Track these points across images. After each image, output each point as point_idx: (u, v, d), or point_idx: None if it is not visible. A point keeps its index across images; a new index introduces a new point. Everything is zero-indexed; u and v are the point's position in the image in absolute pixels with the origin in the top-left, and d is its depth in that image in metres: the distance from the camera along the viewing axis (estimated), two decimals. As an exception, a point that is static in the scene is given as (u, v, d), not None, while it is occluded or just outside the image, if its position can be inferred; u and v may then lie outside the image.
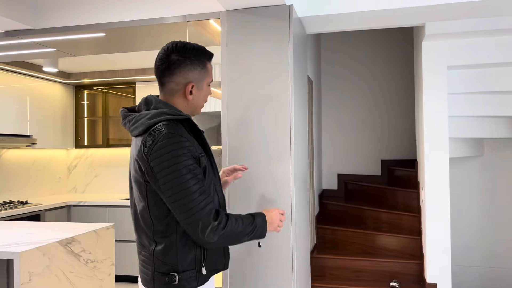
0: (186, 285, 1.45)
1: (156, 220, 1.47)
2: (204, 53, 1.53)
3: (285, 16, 1.99)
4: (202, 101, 1.58)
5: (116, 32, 2.30)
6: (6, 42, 2.47)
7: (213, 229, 1.38)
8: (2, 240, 2.65)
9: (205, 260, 1.49)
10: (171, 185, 1.37)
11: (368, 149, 5.03)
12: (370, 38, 5.02)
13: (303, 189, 2.26)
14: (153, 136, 1.41)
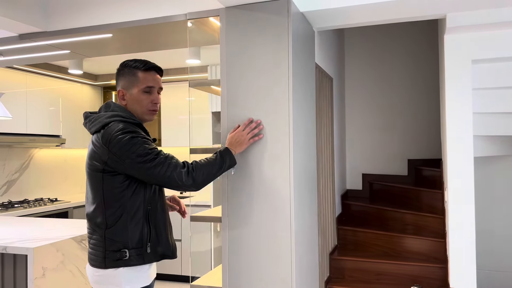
0: (134, 261, 1.66)
1: (109, 204, 1.69)
2: (136, 65, 1.78)
3: (283, 11, 1.93)
4: (138, 106, 1.78)
5: (122, 33, 2.33)
6: (21, 45, 2.56)
7: (186, 174, 1.65)
8: (19, 236, 2.75)
9: (150, 241, 1.70)
10: (137, 160, 1.62)
11: (394, 148, 4.85)
12: (395, 32, 4.84)
13: (307, 189, 2.19)
14: (110, 130, 1.67)
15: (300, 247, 2.01)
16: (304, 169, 2.13)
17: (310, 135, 2.28)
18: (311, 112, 2.31)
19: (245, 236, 1.96)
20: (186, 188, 1.68)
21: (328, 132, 3.86)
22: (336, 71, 4.38)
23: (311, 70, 2.33)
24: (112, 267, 1.66)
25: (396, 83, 4.85)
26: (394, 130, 4.85)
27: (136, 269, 1.68)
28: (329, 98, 3.93)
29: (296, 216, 1.96)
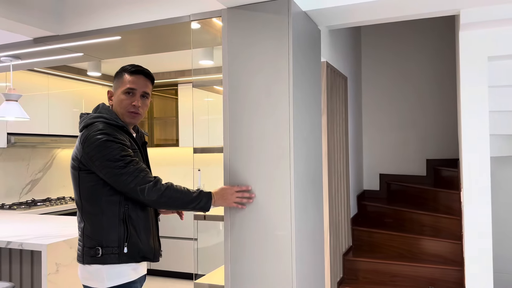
0: (108, 259, 1.67)
1: (86, 202, 1.72)
2: (126, 68, 1.83)
3: (283, 11, 1.93)
4: (119, 107, 1.81)
5: (130, 35, 2.38)
6: (36, 49, 2.65)
7: (150, 188, 1.65)
8: (36, 233, 2.84)
9: (128, 241, 1.69)
10: (106, 164, 1.64)
11: (412, 148, 4.76)
12: (413, 30, 4.75)
13: (311, 189, 2.18)
14: (90, 129, 1.71)
15: (302, 247, 1.99)
16: (308, 169, 2.11)
17: (314, 135, 2.27)
18: (316, 111, 2.29)
19: (246, 235, 1.97)
20: (146, 203, 1.68)
21: (342, 132, 3.83)
22: (352, 70, 4.33)
23: (316, 69, 2.31)
24: (89, 263, 1.69)
25: (415, 81, 4.75)
26: (412, 130, 4.76)
27: (116, 266, 1.69)
28: (343, 97, 3.89)
29: (297, 216, 1.95)
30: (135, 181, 1.64)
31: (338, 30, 3.73)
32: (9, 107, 2.89)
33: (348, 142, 4.01)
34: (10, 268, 2.90)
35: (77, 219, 1.78)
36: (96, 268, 1.69)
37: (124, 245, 1.68)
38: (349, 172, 4.02)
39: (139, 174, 1.65)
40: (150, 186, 1.65)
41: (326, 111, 3.28)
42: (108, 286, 1.69)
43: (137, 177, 1.64)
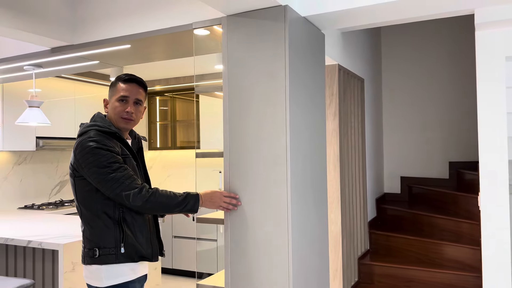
0: (105, 259, 1.75)
1: (83, 206, 1.79)
2: (120, 77, 1.90)
3: (280, 17, 1.95)
4: (113, 114, 1.88)
5: (138, 43, 2.46)
6: (54, 58, 2.79)
7: (135, 195, 1.70)
8: (55, 232, 2.98)
9: (124, 242, 1.76)
10: (93, 170, 1.71)
11: (434, 150, 4.64)
12: (435, 30, 4.63)
13: (312, 193, 2.18)
14: (82, 137, 1.78)
15: (300, 251, 2.01)
16: (308, 173, 2.12)
17: (317, 139, 2.27)
18: (318, 115, 2.29)
19: (245, 239, 2.00)
20: (133, 208, 1.73)
21: (358, 134, 3.79)
22: (369, 72, 4.27)
23: (319, 73, 2.31)
24: (89, 264, 1.78)
25: (436, 82, 4.63)
26: (435, 131, 4.64)
27: (113, 266, 1.75)
28: (359, 99, 3.85)
29: (294, 220, 1.96)
30: (121, 187, 1.69)
31: (353, 32, 3.70)
32: (32, 113, 3.05)
33: (365, 144, 3.96)
34: (33, 266, 3.06)
35: (80, 223, 1.86)
36: (95, 268, 1.76)
37: (120, 246, 1.75)
38: (365, 175, 3.97)
39: (125, 181, 1.70)
40: (135, 193, 1.70)
41: (339, 114, 3.26)
42: (107, 285, 1.76)
43: (123, 183, 1.70)
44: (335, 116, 3.25)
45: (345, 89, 3.47)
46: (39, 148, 4.30)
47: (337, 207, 3.24)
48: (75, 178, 1.78)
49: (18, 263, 3.11)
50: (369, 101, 4.28)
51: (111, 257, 1.75)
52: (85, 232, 1.80)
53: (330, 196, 3.26)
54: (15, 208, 4.40)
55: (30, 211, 4.21)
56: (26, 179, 4.56)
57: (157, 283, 3.42)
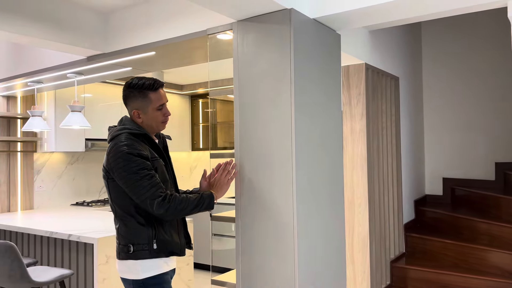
0: (139, 255, 1.86)
1: (117, 206, 1.90)
2: (146, 86, 1.94)
3: (285, 21, 1.98)
4: (154, 122, 1.97)
5: (161, 50, 2.59)
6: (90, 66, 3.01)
7: (159, 204, 1.79)
8: (91, 227, 3.21)
9: (156, 238, 1.88)
10: (123, 176, 1.81)
11: (479, 150, 4.39)
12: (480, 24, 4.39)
13: (324, 194, 2.18)
14: (115, 141, 1.88)
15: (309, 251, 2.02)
16: (318, 175, 2.13)
17: (330, 140, 2.27)
18: (331, 116, 2.29)
19: (254, 238, 2.05)
20: (155, 215, 1.82)
21: (391, 134, 3.69)
22: (405, 69, 4.14)
23: (332, 73, 2.31)
24: (124, 259, 1.89)
25: (481, 79, 4.38)
26: (479, 131, 4.39)
27: (148, 260, 1.87)
28: (393, 98, 3.75)
29: (301, 221, 1.98)
30: (146, 194, 1.79)
31: (385, 30, 3.61)
32: (74, 117, 3.31)
33: (399, 144, 3.85)
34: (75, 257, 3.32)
35: (114, 220, 1.98)
36: (131, 263, 1.88)
37: (153, 242, 1.87)
38: (401, 177, 3.86)
39: (151, 189, 1.79)
40: (158, 201, 1.79)
41: (366, 114, 3.21)
42: (144, 277, 1.88)
43: (148, 191, 1.79)
44: (362, 116, 3.20)
45: (375, 88, 3.40)
46: (88, 149, 4.61)
47: (365, 208, 3.19)
48: (108, 180, 1.88)
49: (58, 254, 3.38)
50: (406, 100, 4.15)
51: (145, 252, 1.86)
52: (119, 229, 1.90)
53: (358, 198, 3.22)
54: (68, 204, 4.76)
55: (80, 208, 4.54)
56: (78, 177, 4.91)
57: (189, 278, 3.56)
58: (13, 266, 2.57)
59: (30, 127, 3.60)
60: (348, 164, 3.27)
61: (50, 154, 4.62)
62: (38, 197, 4.50)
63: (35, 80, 3.50)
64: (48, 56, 3.17)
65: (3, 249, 2.57)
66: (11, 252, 2.58)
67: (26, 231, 3.32)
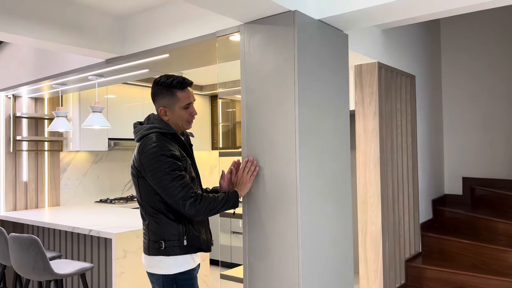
0: (170, 251, 1.91)
1: (147, 204, 1.94)
2: (174, 84, 1.97)
3: (289, 22, 2.02)
4: (180, 120, 2.00)
5: (174, 52, 2.68)
6: (109, 69, 3.14)
7: (190, 205, 1.83)
8: (108, 223, 3.34)
9: (186, 234, 1.93)
10: (156, 176, 1.84)
11: (500, 149, 4.30)
12: (501, 20, 4.29)
13: (329, 194, 2.22)
14: (146, 141, 1.91)
15: (312, 248, 2.06)
16: (324, 174, 2.16)
17: (337, 140, 2.29)
18: (338, 116, 2.31)
19: (259, 236, 2.10)
20: (186, 215, 1.88)
21: (406, 133, 3.67)
22: (422, 68, 4.10)
23: (339, 74, 2.33)
24: (154, 255, 1.93)
25: (501, 77, 4.29)
26: (500, 129, 4.30)
27: (178, 257, 1.91)
28: (409, 97, 3.73)
29: (306, 220, 2.02)
30: (179, 195, 1.82)
31: (398, 28, 3.59)
32: (95, 118, 3.45)
33: (416, 143, 3.82)
34: (97, 251, 3.46)
35: (141, 215, 2.02)
36: (162, 258, 1.92)
37: (183, 239, 1.92)
38: (417, 176, 3.83)
39: (182, 189, 1.83)
40: (190, 202, 1.83)
41: (379, 113, 3.21)
42: (174, 272, 1.92)
43: (180, 192, 1.82)
44: (375, 115, 3.20)
45: (389, 87, 3.39)
46: (111, 148, 4.78)
47: (378, 207, 3.19)
48: (139, 179, 1.93)
49: (81, 248, 3.53)
50: (423, 98, 4.11)
51: (176, 249, 1.90)
52: (150, 225, 1.94)
53: (371, 197, 3.22)
54: (92, 201, 4.95)
55: (104, 205, 4.71)
56: (102, 176, 5.09)
57: (205, 274, 3.65)
58: (37, 259, 2.72)
59: (54, 127, 3.77)
60: (361, 163, 3.28)
61: (75, 153, 4.81)
62: (64, 194, 4.69)
63: (59, 82, 3.66)
64: (71, 59, 3.31)
65: (28, 242, 2.73)
66: (35, 246, 2.73)
67: (51, 226, 3.49)
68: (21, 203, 4.36)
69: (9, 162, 4.29)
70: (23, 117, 4.35)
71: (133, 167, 1.95)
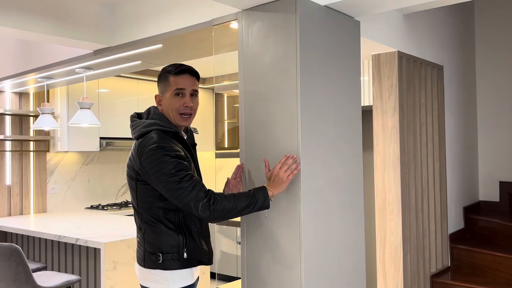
0: (168, 265, 1.91)
1: (144, 210, 1.95)
2: (169, 69, 1.99)
3: (291, 9, 2.07)
4: (170, 110, 1.98)
5: (167, 42, 2.76)
6: (98, 60, 3.23)
7: (204, 205, 1.80)
8: (98, 231, 3.44)
9: (187, 247, 1.93)
10: (162, 179, 1.82)
11: (544, 150, 4.27)
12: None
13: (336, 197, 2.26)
14: (145, 141, 1.89)
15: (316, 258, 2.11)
16: (329, 176, 2.21)
17: (346, 138, 2.34)
18: (348, 112, 2.36)
19: (258, 243, 2.16)
20: (200, 218, 1.86)
21: (432, 131, 3.68)
22: (451, 57, 4.09)
23: (349, 63, 2.37)
24: (150, 268, 1.92)
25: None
26: (544, 127, 4.28)
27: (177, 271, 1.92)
28: (435, 90, 3.74)
29: (307, 227, 2.07)
30: (189, 196, 1.80)
31: (423, 13, 3.60)
32: (83, 115, 3.55)
33: (443, 143, 3.83)
34: (85, 263, 3.56)
35: (136, 223, 2.02)
36: (159, 272, 1.93)
37: (183, 251, 1.92)
38: (445, 180, 3.84)
39: (193, 190, 1.81)
40: (204, 203, 1.80)
41: (400, 108, 3.24)
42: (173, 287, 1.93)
43: (191, 193, 1.80)
44: (395, 111, 3.23)
45: (411, 79, 3.42)
46: (102, 149, 4.89)
47: (398, 215, 3.22)
48: (137, 182, 1.91)
49: (68, 259, 3.64)
50: (453, 92, 4.11)
51: (174, 262, 1.91)
52: (146, 235, 1.95)
53: (390, 203, 3.25)
54: (82, 208, 5.07)
55: (95, 211, 4.83)
56: (93, 179, 5.21)
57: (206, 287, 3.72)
58: (18, 270, 2.83)
59: (39, 126, 3.88)
60: (378, 165, 3.31)
61: (63, 154, 4.93)
62: (51, 200, 4.82)
63: (45, 76, 3.78)
64: (57, 50, 3.42)
65: (9, 252, 2.84)
66: (17, 256, 2.84)
67: (35, 235, 3.60)
68: (4, 209, 4.49)
69: (-9, 164, 4.43)
70: (6, 114, 4.48)
71: (130, 168, 1.94)
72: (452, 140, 4.06)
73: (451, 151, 4.02)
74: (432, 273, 3.62)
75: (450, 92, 4.04)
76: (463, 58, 4.35)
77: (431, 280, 3.58)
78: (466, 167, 4.33)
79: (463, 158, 4.27)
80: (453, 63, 4.13)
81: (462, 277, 3.63)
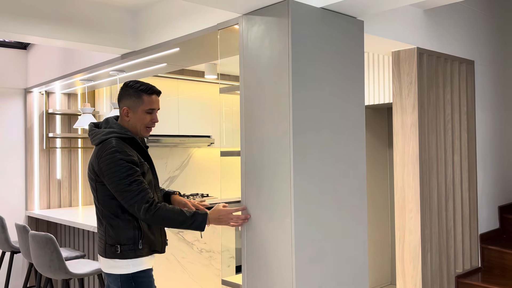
0: (126, 254, 2.17)
1: (104, 208, 2.20)
2: (141, 89, 2.24)
3: (284, 13, 2.11)
4: (139, 124, 2.25)
5: (183, 46, 2.88)
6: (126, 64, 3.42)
7: (145, 209, 2.08)
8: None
9: (142, 239, 2.19)
10: (113, 180, 2.11)
11: None
12: None
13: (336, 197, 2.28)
14: (105, 146, 2.17)
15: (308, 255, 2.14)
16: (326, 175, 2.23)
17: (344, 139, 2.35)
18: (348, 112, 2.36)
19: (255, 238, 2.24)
20: (142, 220, 2.14)
21: (460, 129, 3.56)
22: (483, 51, 3.90)
23: (350, 64, 2.36)
24: (110, 258, 2.18)
25: None
26: None
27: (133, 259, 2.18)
28: (463, 86, 3.60)
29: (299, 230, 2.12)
30: (134, 199, 2.08)
31: (449, 7, 3.48)
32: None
33: (474, 140, 3.69)
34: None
35: (98, 219, 2.25)
36: (118, 260, 2.19)
37: (139, 243, 2.19)
38: (475, 178, 3.70)
39: (139, 194, 2.09)
40: (145, 207, 2.07)
41: (419, 106, 3.17)
42: (134, 271, 2.20)
43: (136, 196, 2.08)
44: (414, 108, 3.16)
45: (433, 76, 3.32)
46: (145, 145, 5.13)
47: (417, 213, 3.16)
48: (97, 183, 2.19)
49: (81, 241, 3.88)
50: (486, 88, 3.93)
51: (132, 252, 2.18)
52: (106, 229, 2.21)
53: (409, 202, 3.19)
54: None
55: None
56: (137, 174, 5.48)
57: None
58: (52, 257, 3.08)
59: (80, 124, 4.17)
60: (398, 163, 3.26)
61: (108, 150, 5.24)
62: (98, 193, 5.14)
63: (85, 78, 4.05)
64: (92, 55, 3.66)
65: (44, 240, 3.09)
66: (51, 244, 3.09)
67: (77, 226, 3.88)
68: (55, 202, 4.86)
69: (43, 160, 4.80)
70: (56, 113, 4.84)
71: (91, 170, 2.20)
72: (485, 138, 3.89)
73: (483, 149, 3.86)
74: (458, 273, 3.51)
75: (482, 88, 3.87)
76: (498, 52, 4.14)
77: (456, 281, 3.48)
78: (501, 166, 4.13)
79: (497, 156, 4.08)
80: (486, 57, 3.95)
81: (490, 279, 3.49)
